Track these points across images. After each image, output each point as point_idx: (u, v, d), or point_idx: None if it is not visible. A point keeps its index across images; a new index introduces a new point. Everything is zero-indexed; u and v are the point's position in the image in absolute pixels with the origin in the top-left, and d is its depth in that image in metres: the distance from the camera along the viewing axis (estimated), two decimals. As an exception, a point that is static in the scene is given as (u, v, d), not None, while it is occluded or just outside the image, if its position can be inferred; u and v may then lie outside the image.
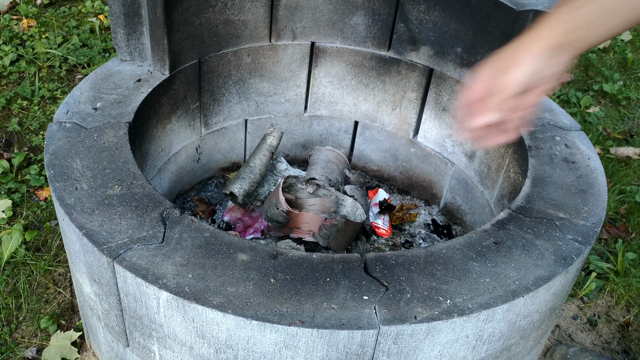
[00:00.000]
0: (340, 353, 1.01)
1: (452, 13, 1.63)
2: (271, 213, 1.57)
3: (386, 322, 0.99)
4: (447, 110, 1.78)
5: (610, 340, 1.77)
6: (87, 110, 1.41)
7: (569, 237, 1.21)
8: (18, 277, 1.73)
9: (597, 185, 1.36)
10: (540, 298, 1.12)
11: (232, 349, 1.04)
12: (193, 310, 1.01)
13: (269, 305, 1.00)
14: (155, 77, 1.54)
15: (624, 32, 0.81)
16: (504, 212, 1.27)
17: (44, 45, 2.66)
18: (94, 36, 2.80)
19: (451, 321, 1.01)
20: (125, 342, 1.23)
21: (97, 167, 1.25)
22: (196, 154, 1.84)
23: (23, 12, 2.91)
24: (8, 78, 2.49)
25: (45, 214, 1.95)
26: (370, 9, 1.75)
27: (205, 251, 1.09)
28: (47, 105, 2.39)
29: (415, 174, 1.97)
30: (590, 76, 3.00)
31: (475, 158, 1.73)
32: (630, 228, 2.11)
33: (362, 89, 1.91)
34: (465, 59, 1.65)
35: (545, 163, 1.41)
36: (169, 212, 1.16)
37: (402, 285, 1.06)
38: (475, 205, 1.77)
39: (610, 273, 1.93)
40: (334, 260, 1.10)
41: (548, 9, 1.46)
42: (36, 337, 1.59)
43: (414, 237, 1.84)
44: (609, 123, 2.69)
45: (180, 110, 1.67)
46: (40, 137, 2.21)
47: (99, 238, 1.09)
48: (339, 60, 1.86)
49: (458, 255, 1.14)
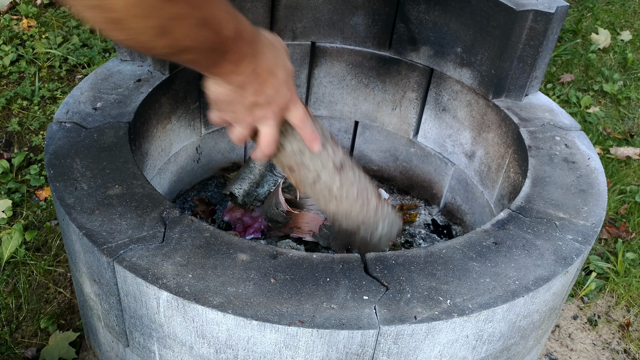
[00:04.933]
0: (340, 353, 1.01)
1: (452, 13, 1.63)
2: (271, 213, 1.57)
3: (386, 322, 0.99)
4: (447, 110, 1.78)
5: (610, 340, 1.77)
6: (87, 110, 1.41)
7: (569, 237, 1.21)
8: (18, 277, 1.73)
9: (597, 185, 1.36)
10: (540, 298, 1.12)
11: (232, 349, 1.05)
12: (193, 310, 1.01)
13: (269, 305, 1.00)
14: (155, 77, 1.54)
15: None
16: (504, 212, 1.27)
17: (44, 45, 2.66)
18: (94, 36, 2.80)
19: (451, 321, 1.01)
20: (125, 342, 1.23)
21: (97, 167, 1.25)
22: (196, 154, 1.84)
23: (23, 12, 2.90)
24: (8, 78, 2.49)
25: (45, 214, 1.95)
26: (370, 9, 1.75)
27: (205, 251, 1.09)
28: (47, 105, 2.39)
29: (415, 174, 1.97)
30: (590, 76, 3.00)
31: (475, 158, 1.73)
32: (630, 228, 2.11)
33: (362, 89, 1.91)
34: (465, 59, 1.65)
35: (545, 163, 1.41)
36: (169, 212, 1.16)
37: (402, 285, 1.06)
38: (475, 205, 1.77)
39: (610, 273, 1.93)
40: (334, 260, 1.10)
41: (548, 9, 1.46)
42: (36, 337, 1.59)
43: (414, 237, 1.84)
44: (609, 123, 2.69)
45: (180, 110, 1.67)
46: (40, 137, 2.21)
47: (99, 238, 1.09)
48: (339, 60, 1.86)
49: (458, 255, 1.14)
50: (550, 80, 2.94)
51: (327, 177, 1.14)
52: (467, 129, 1.73)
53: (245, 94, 0.92)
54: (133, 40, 0.72)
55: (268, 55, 0.91)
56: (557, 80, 2.94)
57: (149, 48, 0.74)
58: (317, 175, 1.13)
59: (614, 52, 3.20)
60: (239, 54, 0.85)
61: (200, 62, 0.83)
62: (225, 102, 0.94)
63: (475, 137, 1.71)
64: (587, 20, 3.48)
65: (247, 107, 0.94)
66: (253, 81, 0.90)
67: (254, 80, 0.90)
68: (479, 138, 1.70)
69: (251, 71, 0.89)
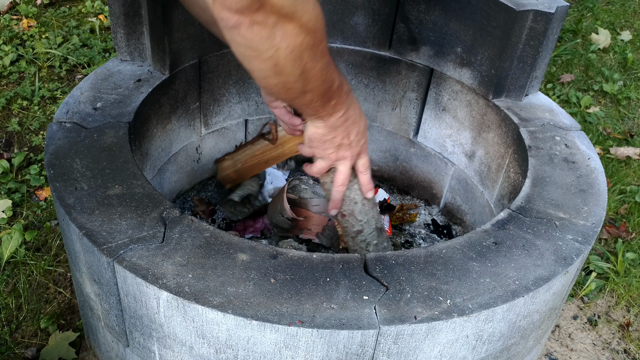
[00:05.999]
0: (340, 353, 1.01)
1: (452, 13, 1.63)
2: (276, 220, 1.56)
3: (386, 322, 0.99)
4: (447, 110, 1.78)
5: (610, 340, 1.77)
6: (87, 110, 1.41)
7: (569, 237, 1.21)
8: (18, 277, 1.73)
9: (597, 185, 1.36)
10: (540, 298, 1.12)
11: (232, 349, 1.05)
12: (193, 310, 1.01)
13: (269, 305, 1.00)
14: (155, 77, 1.54)
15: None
16: (504, 212, 1.27)
17: (44, 45, 2.66)
18: (94, 36, 2.80)
19: (451, 321, 1.01)
20: (125, 342, 1.23)
21: (97, 167, 1.25)
22: (196, 154, 1.84)
23: (23, 12, 2.91)
24: (8, 78, 2.50)
25: (45, 214, 1.95)
26: (370, 9, 1.75)
27: (205, 251, 1.09)
28: (47, 105, 2.39)
29: (415, 174, 1.97)
30: (590, 76, 3.00)
31: (475, 158, 1.73)
32: (630, 228, 2.11)
33: (362, 89, 1.91)
34: (465, 59, 1.65)
35: (545, 163, 1.41)
36: (169, 212, 1.16)
37: (402, 285, 1.06)
38: (475, 205, 1.77)
39: (610, 273, 1.93)
40: (334, 260, 1.10)
41: (548, 9, 1.46)
42: (36, 337, 1.59)
43: (414, 237, 1.84)
44: (609, 123, 2.69)
45: (180, 110, 1.67)
46: (40, 137, 2.22)
47: (99, 238, 1.09)
48: (339, 60, 1.86)
49: (458, 255, 1.14)
50: (550, 80, 2.94)
51: (368, 233, 1.36)
52: (467, 129, 1.73)
53: (336, 135, 1.18)
54: (284, 83, 1.00)
55: (355, 107, 1.18)
56: (557, 80, 2.95)
57: (289, 88, 1.01)
58: (361, 227, 1.35)
59: (614, 52, 3.20)
60: (338, 101, 1.12)
61: (313, 103, 1.09)
62: (320, 141, 1.19)
63: (475, 137, 1.71)
64: (587, 20, 3.48)
65: (335, 146, 1.20)
66: (342, 125, 1.16)
67: (343, 125, 1.16)
68: (479, 138, 1.70)
69: (344, 117, 1.15)
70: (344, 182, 1.27)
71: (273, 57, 0.93)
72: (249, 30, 0.88)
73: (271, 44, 0.91)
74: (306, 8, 0.91)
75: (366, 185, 1.31)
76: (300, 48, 0.94)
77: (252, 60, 0.95)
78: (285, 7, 0.88)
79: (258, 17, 0.87)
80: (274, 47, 0.92)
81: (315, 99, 1.08)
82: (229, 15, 0.87)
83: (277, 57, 0.93)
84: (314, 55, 0.97)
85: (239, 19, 0.87)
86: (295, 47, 0.93)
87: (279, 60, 0.94)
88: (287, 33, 0.91)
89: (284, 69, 0.96)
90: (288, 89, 1.02)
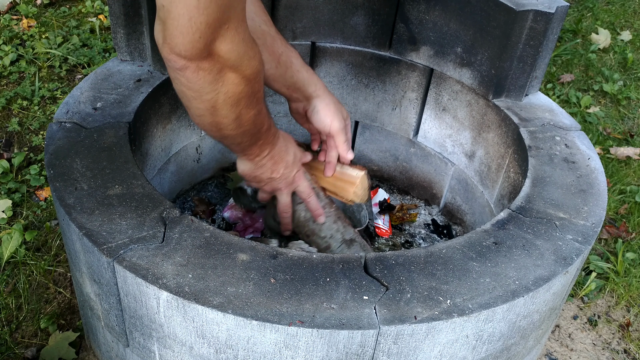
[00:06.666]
0: (340, 353, 1.01)
1: (452, 13, 1.63)
2: (269, 224, 1.56)
3: (386, 322, 0.99)
4: (447, 110, 1.78)
5: (610, 340, 1.77)
6: (87, 110, 1.41)
7: (569, 237, 1.21)
8: (18, 277, 1.73)
9: (597, 185, 1.36)
10: (540, 298, 1.12)
11: (232, 349, 1.05)
12: (193, 310, 1.01)
13: (269, 305, 1.00)
14: (155, 77, 1.54)
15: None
16: (504, 212, 1.27)
17: (44, 45, 2.66)
18: (94, 36, 2.80)
19: (451, 321, 1.01)
20: (125, 342, 1.23)
21: (97, 167, 1.25)
22: (196, 154, 1.84)
23: (23, 12, 2.91)
24: (8, 78, 2.50)
25: (45, 214, 1.95)
26: (370, 9, 1.75)
27: (205, 251, 1.09)
28: (47, 105, 2.39)
29: (415, 174, 1.97)
30: (590, 76, 3.00)
31: (475, 158, 1.74)
32: (630, 228, 2.11)
33: (362, 89, 1.91)
34: (465, 59, 1.65)
35: (545, 163, 1.41)
36: (169, 212, 1.16)
37: (402, 285, 1.06)
38: (475, 205, 1.77)
39: (610, 273, 1.93)
40: (334, 260, 1.10)
41: (548, 9, 1.46)
42: (36, 337, 1.59)
43: (414, 237, 1.84)
44: (609, 123, 2.69)
45: (180, 110, 1.67)
46: (40, 137, 2.22)
47: (99, 238, 1.09)
48: (339, 60, 1.86)
49: (458, 255, 1.14)
50: (550, 80, 2.94)
51: (337, 247, 1.42)
52: (467, 129, 1.73)
53: (264, 171, 1.27)
54: (217, 123, 1.06)
55: (279, 145, 1.26)
56: (557, 80, 2.95)
57: (221, 128, 1.08)
58: (327, 244, 1.42)
59: (614, 52, 3.21)
60: (265, 141, 1.20)
61: (243, 144, 1.17)
62: (251, 176, 1.30)
63: (475, 137, 1.71)
64: (587, 20, 3.48)
65: (265, 180, 1.31)
66: (268, 162, 1.25)
67: (268, 162, 1.25)
68: (479, 138, 1.70)
69: (269, 156, 1.24)
70: (285, 209, 1.38)
71: (212, 100, 0.99)
72: (193, 74, 0.93)
73: (213, 88, 0.97)
74: (250, 63, 0.98)
75: (315, 211, 1.39)
76: (239, 95, 1.01)
77: (191, 99, 1.00)
78: (232, 59, 0.94)
79: (204, 65, 0.93)
80: (215, 91, 0.98)
81: (245, 140, 1.16)
82: (176, 59, 0.91)
83: (216, 100, 0.99)
84: (250, 102, 1.05)
85: (186, 63, 0.91)
86: (235, 94, 1.00)
87: (217, 103, 1.00)
88: (229, 81, 0.97)
89: (221, 112, 1.02)
90: (220, 129, 1.08)
